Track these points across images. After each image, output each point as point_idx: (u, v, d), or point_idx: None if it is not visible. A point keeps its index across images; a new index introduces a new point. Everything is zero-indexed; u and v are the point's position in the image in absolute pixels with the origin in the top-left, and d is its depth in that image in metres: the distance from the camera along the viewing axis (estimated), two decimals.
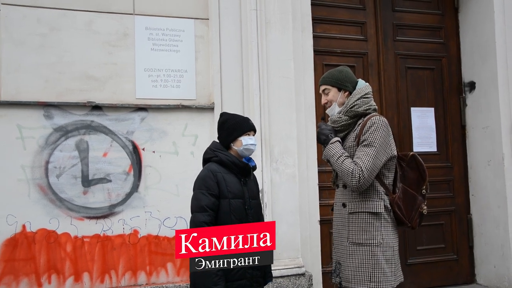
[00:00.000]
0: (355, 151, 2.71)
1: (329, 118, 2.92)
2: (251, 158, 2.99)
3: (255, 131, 2.99)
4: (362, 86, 2.85)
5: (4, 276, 3.84)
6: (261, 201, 3.16)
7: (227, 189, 2.79)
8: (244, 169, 2.89)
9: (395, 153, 2.76)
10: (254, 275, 2.80)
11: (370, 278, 2.64)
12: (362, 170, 2.62)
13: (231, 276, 2.71)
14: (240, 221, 2.78)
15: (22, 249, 3.91)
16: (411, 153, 2.82)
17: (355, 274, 2.69)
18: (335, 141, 2.77)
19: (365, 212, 2.70)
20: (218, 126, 3.00)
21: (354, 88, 2.86)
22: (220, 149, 2.92)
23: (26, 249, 3.92)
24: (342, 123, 2.80)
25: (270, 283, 3.04)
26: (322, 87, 2.94)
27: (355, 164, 2.64)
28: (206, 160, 2.96)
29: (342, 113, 2.82)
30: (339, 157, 2.71)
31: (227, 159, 2.86)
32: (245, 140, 2.89)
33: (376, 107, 2.86)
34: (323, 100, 2.95)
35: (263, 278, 2.92)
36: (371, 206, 2.70)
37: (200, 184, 2.81)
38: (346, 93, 2.86)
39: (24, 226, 3.92)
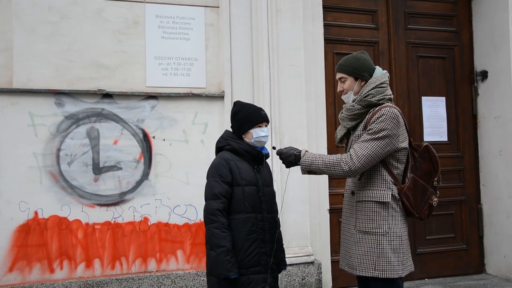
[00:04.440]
0: None
1: (343, 106, 2.90)
2: (264, 147, 2.98)
3: (267, 121, 2.95)
4: (379, 74, 2.81)
5: (17, 262, 3.90)
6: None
7: (240, 176, 2.80)
8: (257, 156, 2.89)
9: (406, 145, 2.73)
10: (269, 262, 2.82)
11: (375, 266, 2.65)
12: (351, 156, 2.65)
13: (246, 263, 2.73)
14: (253, 208, 2.79)
15: (34, 235, 3.96)
16: (425, 143, 2.78)
17: (360, 261, 2.70)
18: (304, 152, 2.79)
19: (372, 201, 2.70)
20: (231, 116, 2.99)
21: (371, 76, 2.82)
22: (232, 137, 2.92)
23: (39, 236, 3.97)
24: (355, 112, 2.78)
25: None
26: (339, 75, 2.90)
27: (342, 154, 2.70)
28: (219, 148, 2.96)
29: (355, 102, 2.80)
30: (318, 158, 2.73)
31: (239, 147, 2.86)
32: (256, 133, 2.88)
33: (392, 96, 2.81)
34: (339, 87, 2.91)
35: (277, 265, 2.93)
36: (378, 195, 2.69)
37: (213, 172, 2.82)
38: (363, 82, 2.82)
39: (36, 213, 3.97)
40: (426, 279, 5.24)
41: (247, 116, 2.90)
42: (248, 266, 2.74)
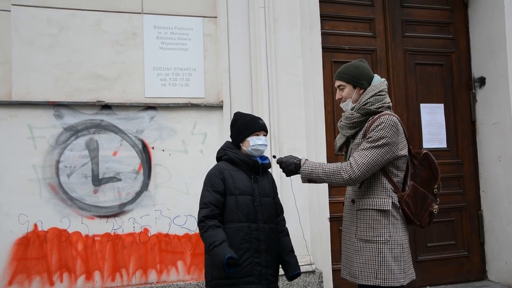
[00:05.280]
0: None
1: (342, 114, 2.91)
2: (266, 157, 2.99)
3: (265, 130, 2.96)
4: (377, 82, 2.82)
5: (17, 275, 3.88)
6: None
7: (234, 185, 2.80)
8: (253, 166, 2.89)
9: (405, 153, 2.73)
10: (263, 273, 2.79)
11: (376, 275, 2.64)
12: (351, 164, 2.65)
13: (238, 272, 2.69)
14: (247, 217, 2.78)
15: (34, 248, 3.94)
16: (424, 151, 2.79)
17: (361, 270, 2.69)
18: (304, 160, 2.80)
19: (373, 209, 2.70)
20: (230, 125, 3.02)
21: (370, 84, 2.82)
22: (230, 147, 2.93)
23: (38, 248, 3.95)
24: (354, 120, 2.79)
25: (280, 281, 3.02)
26: (337, 83, 2.91)
27: (342, 162, 2.71)
28: (218, 159, 2.99)
29: (354, 110, 2.80)
30: (318, 167, 2.73)
31: (236, 157, 2.87)
32: (253, 141, 2.88)
33: (391, 104, 2.82)
34: (338, 95, 2.92)
35: (275, 277, 2.89)
36: (379, 203, 2.69)
37: (206, 182, 2.84)
38: (361, 90, 2.83)
39: (35, 225, 3.95)
40: (428, 286, 5.21)
41: (244, 124, 2.92)
42: (240, 276, 2.71)
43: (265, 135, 2.95)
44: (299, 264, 2.98)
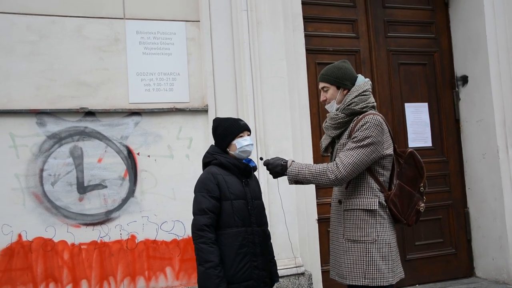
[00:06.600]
0: None
1: (327, 115, 2.91)
2: (251, 159, 2.98)
3: (249, 130, 2.96)
4: (361, 82, 2.83)
5: (1, 287, 3.81)
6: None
7: (229, 190, 2.79)
8: (244, 170, 2.89)
9: (391, 152, 2.74)
10: (261, 276, 2.80)
11: (365, 275, 2.64)
12: (337, 164, 2.65)
13: (238, 277, 2.71)
14: (243, 222, 2.78)
15: (18, 258, 3.87)
16: (409, 150, 2.80)
17: (350, 270, 2.70)
18: (291, 162, 2.79)
19: (360, 209, 2.70)
20: (212, 133, 3.01)
21: (353, 85, 2.83)
22: (218, 152, 2.92)
23: (23, 259, 3.88)
24: (339, 120, 2.79)
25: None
26: (321, 85, 2.91)
27: (328, 163, 2.71)
28: (206, 164, 2.95)
29: (339, 110, 2.81)
30: (304, 168, 2.73)
31: (226, 161, 2.86)
32: (239, 143, 2.87)
33: (375, 103, 2.83)
34: (322, 97, 2.93)
35: (269, 278, 2.91)
36: (366, 203, 2.69)
37: (201, 187, 2.80)
38: (345, 91, 2.84)
39: (20, 235, 3.89)
40: (417, 285, 5.24)
41: (227, 128, 2.91)
42: (241, 281, 2.72)
43: (249, 135, 2.94)
44: (288, 266, 2.99)
